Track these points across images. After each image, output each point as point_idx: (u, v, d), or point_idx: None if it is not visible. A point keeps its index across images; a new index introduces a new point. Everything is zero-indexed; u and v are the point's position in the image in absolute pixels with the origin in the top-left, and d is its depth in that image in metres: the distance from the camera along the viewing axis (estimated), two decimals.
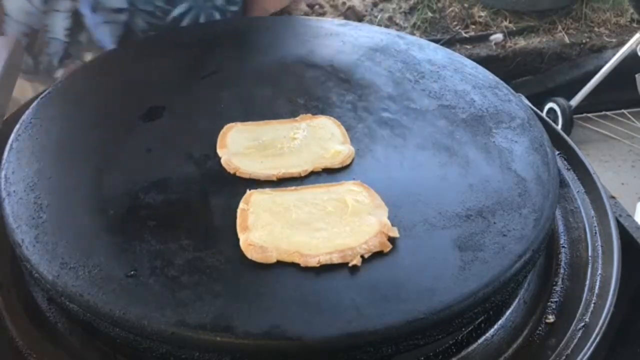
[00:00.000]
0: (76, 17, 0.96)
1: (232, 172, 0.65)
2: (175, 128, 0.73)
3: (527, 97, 0.88)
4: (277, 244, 0.57)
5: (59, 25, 0.94)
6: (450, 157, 0.69)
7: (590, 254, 0.68)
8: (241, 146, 0.68)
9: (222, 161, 0.66)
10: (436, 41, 1.63)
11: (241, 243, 0.58)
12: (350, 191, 0.63)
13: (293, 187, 0.64)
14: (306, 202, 0.62)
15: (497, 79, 0.82)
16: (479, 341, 0.61)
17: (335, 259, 0.56)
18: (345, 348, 0.52)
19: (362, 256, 0.57)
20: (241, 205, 0.61)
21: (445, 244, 0.59)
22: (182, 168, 0.67)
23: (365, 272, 0.56)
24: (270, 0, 1.08)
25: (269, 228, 0.59)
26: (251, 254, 0.57)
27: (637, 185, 2.34)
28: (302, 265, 0.56)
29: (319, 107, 0.75)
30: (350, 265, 0.56)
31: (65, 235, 0.59)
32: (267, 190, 0.63)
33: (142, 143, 0.70)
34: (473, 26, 2.66)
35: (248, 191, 0.63)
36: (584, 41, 2.68)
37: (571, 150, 0.80)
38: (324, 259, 0.56)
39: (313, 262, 0.56)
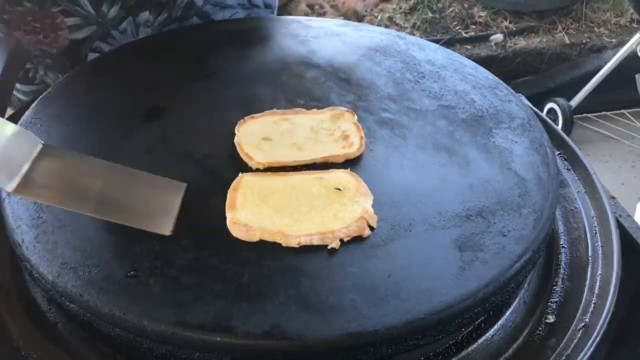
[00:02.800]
0: None
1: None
2: (175, 128, 0.73)
3: (527, 97, 0.88)
4: (261, 224, 0.59)
5: None
6: (450, 158, 0.69)
7: (590, 254, 0.68)
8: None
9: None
10: (436, 41, 1.63)
11: (227, 221, 0.60)
12: (338, 179, 0.65)
13: (283, 172, 0.66)
14: (294, 186, 0.64)
15: (497, 79, 0.82)
16: (479, 341, 0.61)
17: (315, 240, 0.58)
18: (345, 348, 0.52)
19: (341, 240, 0.58)
20: (232, 186, 0.63)
21: (445, 244, 0.59)
22: (182, 168, 0.67)
23: (365, 272, 0.56)
24: None
25: (256, 209, 0.61)
26: (236, 232, 0.59)
27: (637, 185, 2.35)
28: (283, 245, 0.58)
29: (319, 107, 0.75)
30: (329, 247, 0.57)
31: (65, 235, 0.59)
32: (258, 173, 0.66)
33: (142, 143, 0.70)
34: (473, 26, 2.66)
35: (240, 174, 0.64)
36: (584, 41, 2.68)
37: (571, 150, 0.80)
38: (305, 240, 0.58)
39: (294, 243, 0.58)
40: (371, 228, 0.60)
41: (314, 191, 0.63)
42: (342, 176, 0.65)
